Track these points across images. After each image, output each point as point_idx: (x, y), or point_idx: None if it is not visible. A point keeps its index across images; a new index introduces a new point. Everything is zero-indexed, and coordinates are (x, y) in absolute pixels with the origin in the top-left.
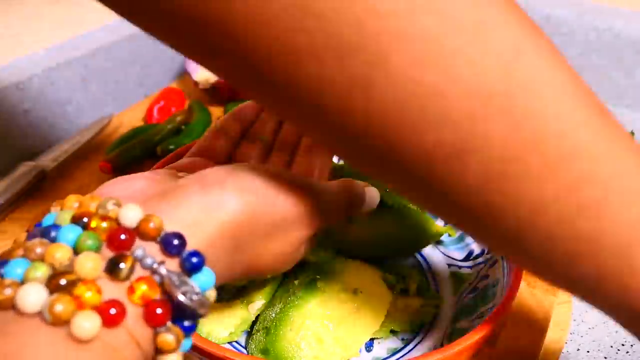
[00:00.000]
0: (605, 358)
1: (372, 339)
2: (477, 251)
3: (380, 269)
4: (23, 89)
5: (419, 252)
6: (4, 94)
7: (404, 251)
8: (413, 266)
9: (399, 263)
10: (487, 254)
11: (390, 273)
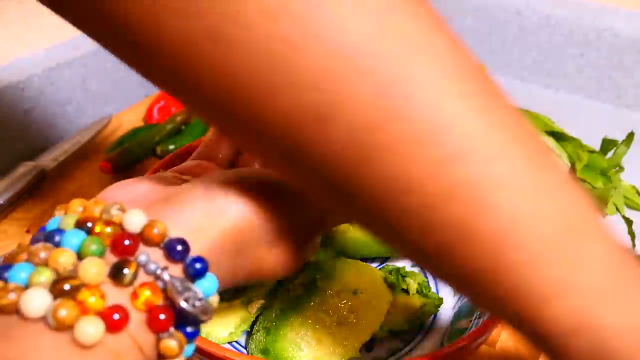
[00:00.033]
0: None
1: (372, 339)
2: None
3: (380, 269)
4: (23, 89)
5: None
6: (4, 94)
7: None
8: (413, 266)
9: (399, 263)
10: None
11: (390, 273)
